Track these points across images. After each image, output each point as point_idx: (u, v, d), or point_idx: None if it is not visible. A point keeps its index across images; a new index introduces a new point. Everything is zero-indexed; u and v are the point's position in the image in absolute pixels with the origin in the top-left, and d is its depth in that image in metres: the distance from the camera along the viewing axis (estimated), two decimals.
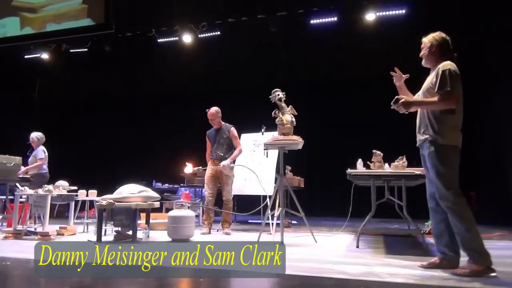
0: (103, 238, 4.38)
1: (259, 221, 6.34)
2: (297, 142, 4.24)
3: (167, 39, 9.19)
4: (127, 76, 10.03)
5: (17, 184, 5.16)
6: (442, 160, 2.80)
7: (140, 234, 4.44)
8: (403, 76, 3.27)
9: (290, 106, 4.41)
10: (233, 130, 5.52)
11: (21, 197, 5.08)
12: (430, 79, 2.95)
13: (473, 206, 5.95)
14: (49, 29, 7.69)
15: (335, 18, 8.16)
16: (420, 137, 2.97)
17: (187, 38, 8.98)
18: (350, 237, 4.99)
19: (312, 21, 8.31)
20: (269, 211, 4.45)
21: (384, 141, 6.07)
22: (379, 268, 2.88)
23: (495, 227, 5.94)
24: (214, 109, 5.52)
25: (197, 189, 8.18)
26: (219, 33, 8.90)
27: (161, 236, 4.77)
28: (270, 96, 4.45)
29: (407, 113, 3.03)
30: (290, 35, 8.64)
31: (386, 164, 4.29)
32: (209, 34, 8.98)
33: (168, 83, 10.04)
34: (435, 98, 2.81)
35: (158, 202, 4.71)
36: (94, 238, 4.35)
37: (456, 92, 2.76)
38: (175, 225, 4.42)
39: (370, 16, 7.89)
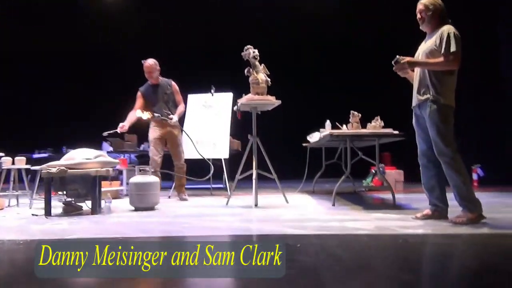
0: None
1: (208, 186, 6.16)
2: (273, 102, 4.10)
3: None
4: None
5: None
6: (443, 118, 2.95)
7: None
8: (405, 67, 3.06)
9: (263, 64, 4.21)
10: (175, 84, 5.01)
11: None
12: (432, 41, 3.03)
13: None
14: None
15: None
16: (420, 97, 3.07)
17: None
18: (308, 197, 5.12)
19: None
20: (238, 175, 4.28)
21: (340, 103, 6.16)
22: (383, 222, 2.99)
23: None
24: (152, 61, 4.87)
25: (126, 155, 7.52)
26: None
27: (120, 205, 4.30)
28: (242, 53, 4.17)
29: (406, 74, 3.13)
30: None
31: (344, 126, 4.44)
32: None
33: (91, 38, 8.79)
34: (441, 59, 2.91)
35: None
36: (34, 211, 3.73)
37: (459, 53, 2.90)
38: (140, 193, 3.99)
39: None
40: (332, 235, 2.55)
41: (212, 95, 5.78)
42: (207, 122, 5.67)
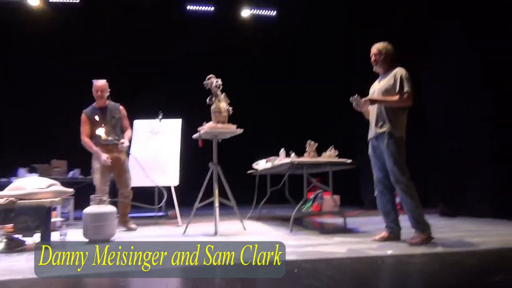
0: None
1: (153, 215, 5.94)
2: (235, 131, 4.21)
3: None
4: None
5: None
6: (398, 150, 3.33)
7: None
8: (366, 104, 3.46)
9: (224, 93, 4.33)
10: (123, 109, 4.84)
11: None
12: (386, 81, 3.44)
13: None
14: None
15: (212, 8, 8.22)
16: (378, 130, 3.43)
17: (33, 1, 7.51)
18: (259, 223, 5.23)
19: (188, 7, 8.18)
20: (197, 203, 4.27)
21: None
22: (350, 245, 3.23)
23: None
24: (104, 81, 4.71)
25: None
26: (78, 1, 7.78)
27: (70, 237, 3.98)
28: (204, 82, 4.25)
29: (362, 109, 3.50)
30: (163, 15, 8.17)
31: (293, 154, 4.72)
32: (65, 0, 7.74)
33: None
34: (396, 97, 3.32)
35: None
36: None
37: (412, 92, 3.33)
38: (96, 224, 3.77)
39: (245, 13, 8.28)
40: (320, 260, 2.70)
41: (160, 121, 5.70)
42: (154, 149, 5.55)
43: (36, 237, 3.49)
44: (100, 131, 4.51)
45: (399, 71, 3.39)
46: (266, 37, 8.44)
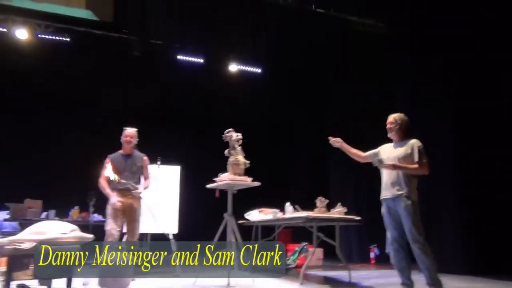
0: None
1: None
2: (252, 184, 4.37)
3: None
4: None
5: None
6: (415, 211, 3.67)
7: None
8: (338, 142, 4.06)
9: (240, 147, 4.51)
10: (147, 159, 4.91)
11: None
12: (403, 150, 3.82)
13: None
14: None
15: (202, 60, 8.54)
16: (394, 192, 3.76)
17: (21, 34, 7.37)
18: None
19: (179, 56, 8.43)
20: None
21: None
22: None
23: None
24: (134, 130, 4.83)
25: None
26: (68, 39, 7.75)
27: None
28: (223, 135, 4.44)
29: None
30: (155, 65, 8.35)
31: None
32: (55, 38, 7.67)
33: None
34: (416, 166, 3.71)
35: None
36: None
37: (428, 163, 3.73)
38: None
39: (233, 67, 8.69)
40: None
41: (158, 167, 5.70)
42: (152, 195, 5.47)
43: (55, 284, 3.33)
44: (109, 172, 4.47)
45: (416, 143, 3.79)
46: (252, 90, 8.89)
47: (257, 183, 4.38)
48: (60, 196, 7.08)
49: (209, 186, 4.50)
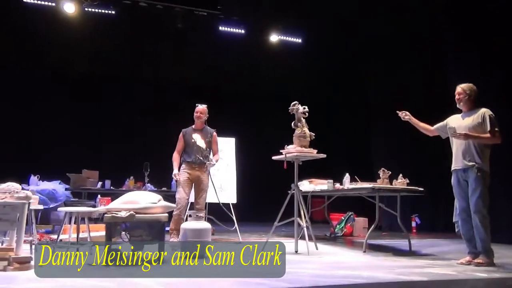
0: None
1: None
2: (317, 155, 4.49)
3: (37, 1, 7.40)
4: None
5: None
6: (485, 183, 3.74)
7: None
8: (407, 115, 4.15)
9: (304, 119, 4.60)
10: (216, 135, 5.09)
11: None
12: (472, 119, 3.85)
13: None
14: None
15: (243, 31, 8.51)
16: (466, 163, 3.81)
17: (69, 7, 7.45)
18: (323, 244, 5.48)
19: (220, 28, 8.40)
20: (277, 222, 4.48)
21: None
22: (451, 268, 3.57)
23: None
24: (204, 106, 5.02)
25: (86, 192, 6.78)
26: (113, 12, 7.80)
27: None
28: (289, 108, 4.53)
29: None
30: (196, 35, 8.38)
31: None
32: (100, 11, 7.73)
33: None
34: (487, 135, 3.74)
35: None
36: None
37: (500, 131, 3.77)
38: (202, 240, 3.87)
39: (274, 38, 8.64)
40: (451, 281, 3.02)
41: None
42: (219, 169, 5.67)
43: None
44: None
45: (487, 112, 3.81)
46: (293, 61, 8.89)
47: (322, 155, 4.50)
48: (113, 167, 7.43)
49: (276, 157, 4.64)
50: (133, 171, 7.06)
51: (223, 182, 5.65)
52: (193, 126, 5.02)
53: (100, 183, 7.00)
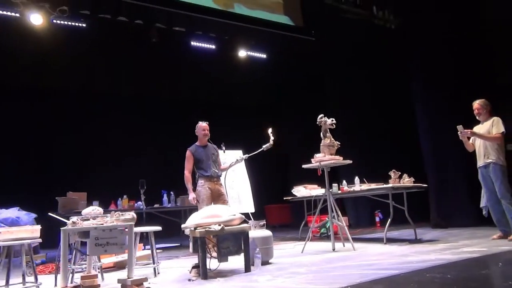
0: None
1: None
2: (344, 162, 5.06)
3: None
4: None
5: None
6: (504, 173, 4.68)
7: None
8: (469, 135, 4.86)
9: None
10: (217, 149, 5.34)
11: None
12: (486, 126, 4.82)
13: None
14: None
15: (213, 46, 8.78)
16: (486, 160, 4.75)
17: (36, 19, 6.99)
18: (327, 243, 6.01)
19: (192, 43, 8.56)
20: (313, 225, 4.94)
21: None
22: (480, 246, 4.34)
23: None
24: (207, 123, 5.21)
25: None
26: (85, 25, 7.49)
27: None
28: (318, 120, 5.04)
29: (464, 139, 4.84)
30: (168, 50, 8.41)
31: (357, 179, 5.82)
32: (70, 23, 7.36)
33: None
34: (490, 135, 4.72)
35: None
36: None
37: (501, 133, 4.71)
38: (265, 247, 4.14)
39: (242, 53, 9.07)
40: (503, 252, 3.78)
41: (224, 152, 6.05)
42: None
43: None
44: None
45: (495, 119, 4.81)
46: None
47: (349, 161, 5.08)
48: (100, 188, 7.05)
49: (307, 166, 5.10)
50: (117, 190, 6.88)
51: (238, 194, 5.86)
52: (198, 143, 5.15)
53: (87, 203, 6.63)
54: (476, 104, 4.94)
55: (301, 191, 6.74)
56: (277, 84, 10.04)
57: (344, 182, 6.23)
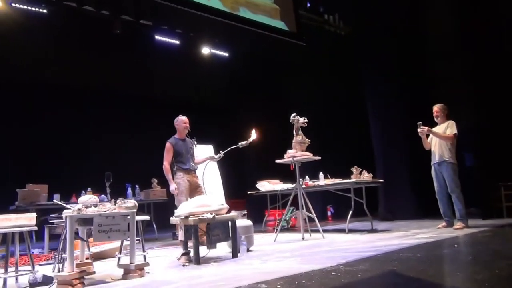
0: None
1: None
2: (314, 157, 5.46)
3: None
4: None
5: None
6: (455, 171, 5.31)
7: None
8: (426, 132, 5.43)
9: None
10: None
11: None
12: (443, 128, 5.43)
13: None
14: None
15: (177, 42, 8.82)
16: (440, 159, 5.36)
17: None
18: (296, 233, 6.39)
19: (157, 37, 8.54)
20: (285, 215, 5.28)
21: None
22: (431, 233, 4.96)
23: None
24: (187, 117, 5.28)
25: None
26: (45, 11, 7.21)
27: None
28: (291, 119, 5.38)
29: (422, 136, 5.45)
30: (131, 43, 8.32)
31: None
32: (31, 8, 7.05)
33: None
34: (444, 135, 5.35)
35: None
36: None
37: (453, 134, 5.35)
38: (248, 235, 4.40)
39: (205, 50, 9.21)
40: (454, 237, 4.38)
41: (196, 146, 6.18)
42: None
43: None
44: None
45: (451, 122, 5.45)
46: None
47: (318, 157, 5.49)
48: (61, 181, 6.81)
49: (280, 161, 5.42)
50: (79, 183, 6.74)
51: (211, 187, 6.04)
52: (177, 136, 5.19)
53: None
54: (436, 107, 5.57)
55: (265, 185, 7.07)
56: (238, 83, 10.27)
57: (307, 177, 6.61)
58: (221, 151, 5.33)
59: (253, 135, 5.17)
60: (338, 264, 3.19)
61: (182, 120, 5.18)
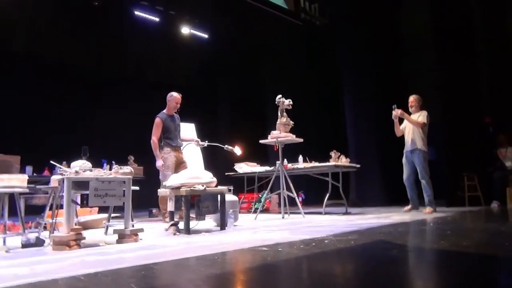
0: None
1: None
2: (297, 139, 5.60)
3: None
4: None
5: None
6: (425, 159, 5.61)
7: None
8: (399, 114, 5.71)
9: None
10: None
11: None
12: (416, 117, 5.70)
13: None
14: None
15: (157, 19, 8.68)
16: (412, 146, 5.65)
17: None
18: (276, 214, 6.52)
19: (136, 12, 8.36)
20: (266, 194, 5.41)
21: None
22: (398, 216, 5.24)
23: None
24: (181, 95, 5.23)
25: None
26: None
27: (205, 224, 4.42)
28: (276, 101, 5.48)
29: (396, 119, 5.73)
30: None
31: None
32: None
33: None
34: (416, 122, 5.64)
35: None
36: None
37: (423, 122, 5.64)
38: (234, 209, 4.47)
39: (185, 30, 9.12)
40: (422, 220, 4.66)
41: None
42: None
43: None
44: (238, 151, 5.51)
45: (424, 112, 5.73)
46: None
47: (300, 139, 5.63)
48: (33, 154, 6.54)
49: (264, 141, 5.52)
50: (53, 157, 6.50)
51: (193, 164, 6.05)
52: (166, 112, 5.10)
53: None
54: (412, 98, 5.85)
55: (243, 167, 7.15)
56: (216, 64, 10.22)
57: (286, 160, 6.75)
58: (206, 141, 5.32)
59: (238, 151, 5.45)
60: (328, 235, 3.34)
61: (174, 99, 5.09)
